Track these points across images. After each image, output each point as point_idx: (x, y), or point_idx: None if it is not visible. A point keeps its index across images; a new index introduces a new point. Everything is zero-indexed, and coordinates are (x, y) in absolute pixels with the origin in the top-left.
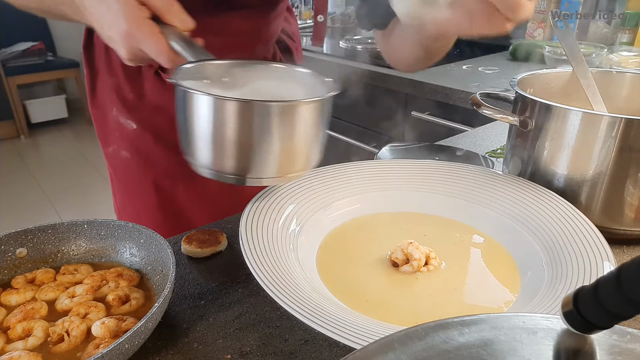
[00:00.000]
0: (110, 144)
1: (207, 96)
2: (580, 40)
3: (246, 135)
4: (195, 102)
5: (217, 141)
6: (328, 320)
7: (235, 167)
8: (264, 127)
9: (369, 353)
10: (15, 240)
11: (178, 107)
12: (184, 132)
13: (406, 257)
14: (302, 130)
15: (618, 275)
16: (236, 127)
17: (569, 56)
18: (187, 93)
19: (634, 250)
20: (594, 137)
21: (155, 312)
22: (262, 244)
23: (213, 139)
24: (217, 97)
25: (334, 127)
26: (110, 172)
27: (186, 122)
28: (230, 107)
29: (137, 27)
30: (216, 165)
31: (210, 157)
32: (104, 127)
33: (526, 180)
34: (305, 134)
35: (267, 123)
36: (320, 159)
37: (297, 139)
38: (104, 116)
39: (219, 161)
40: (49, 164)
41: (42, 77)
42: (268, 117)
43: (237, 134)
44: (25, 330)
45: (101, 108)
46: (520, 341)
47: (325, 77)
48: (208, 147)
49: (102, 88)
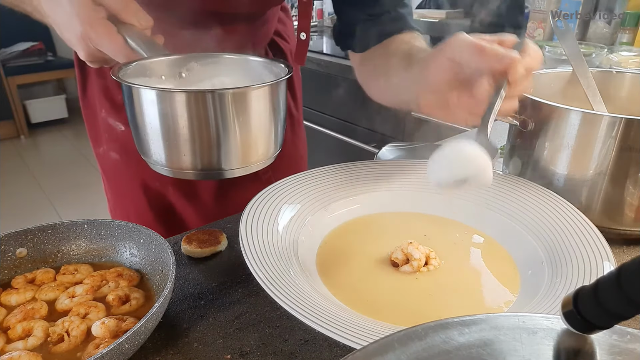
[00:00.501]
0: (101, 145)
1: (150, 90)
2: (580, 40)
3: (202, 127)
4: (140, 97)
5: (172, 137)
6: (328, 320)
7: (193, 163)
8: (221, 116)
9: (369, 353)
10: (15, 240)
11: (126, 104)
12: (135, 130)
13: (406, 257)
14: (260, 116)
15: (618, 275)
16: (190, 120)
17: (569, 56)
18: (132, 89)
19: (634, 250)
20: (594, 137)
21: (155, 312)
22: (262, 244)
23: (167, 135)
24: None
25: (334, 127)
26: (101, 172)
27: (134, 119)
28: (176, 98)
29: (91, 28)
30: (175, 163)
31: (163, 154)
32: (95, 127)
33: (526, 180)
34: (260, 118)
35: (223, 111)
36: (279, 147)
37: (256, 125)
38: (94, 117)
39: (173, 157)
40: (49, 164)
41: (42, 77)
42: (224, 105)
43: (192, 127)
44: (25, 330)
45: (91, 109)
46: (520, 341)
47: (279, 62)
48: (159, 144)
49: (92, 89)
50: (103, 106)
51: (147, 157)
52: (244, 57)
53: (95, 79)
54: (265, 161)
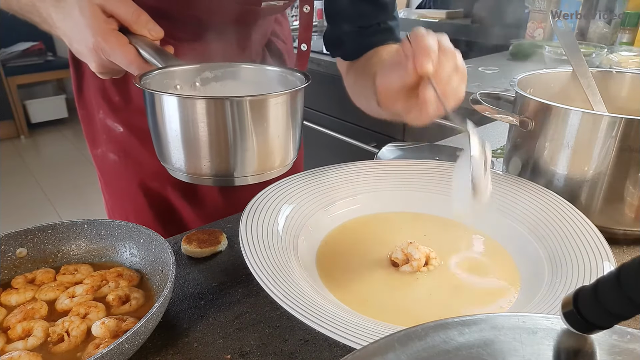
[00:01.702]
0: (98, 146)
1: (173, 97)
2: (580, 40)
3: (220, 133)
4: (163, 104)
5: (192, 143)
6: (328, 320)
7: (212, 168)
8: (239, 123)
9: (369, 353)
10: (15, 240)
11: (148, 112)
12: (156, 137)
13: (406, 257)
14: (277, 123)
15: (618, 275)
16: (209, 126)
17: (569, 56)
18: (155, 95)
19: (634, 250)
20: (594, 137)
21: (155, 312)
22: (262, 244)
23: (187, 141)
24: (184, 97)
25: (334, 127)
26: (99, 174)
27: (156, 125)
28: (197, 105)
29: (104, 39)
30: (194, 168)
31: (183, 160)
32: (91, 129)
33: (526, 180)
34: (281, 126)
35: (241, 119)
36: (295, 155)
37: (273, 132)
38: (91, 118)
39: (193, 163)
40: (49, 164)
41: (42, 77)
42: (242, 112)
43: (211, 133)
44: (25, 330)
45: (88, 110)
46: (520, 341)
47: (296, 71)
48: (179, 150)
49: (89, 90)
50: (101, 107)
51: (168, 164)
52: (261, 66)
53: (92, 80)
54: (282, 169)
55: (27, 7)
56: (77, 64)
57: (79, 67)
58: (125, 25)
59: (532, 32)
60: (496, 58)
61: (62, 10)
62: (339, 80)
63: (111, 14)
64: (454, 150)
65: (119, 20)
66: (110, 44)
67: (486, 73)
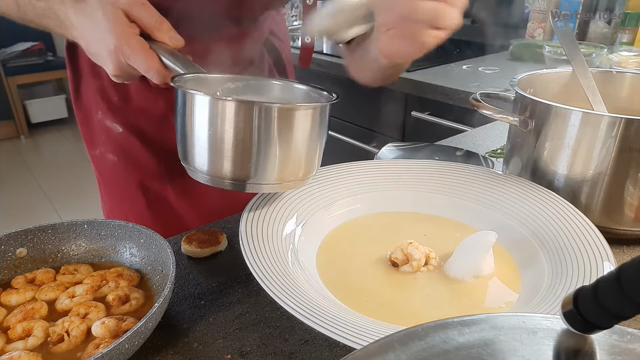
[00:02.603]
0: (96, 147)
1: (210, 97)
2: (580, 40)
3: (246, 138)
4: (197, 104)
5: (218, 144)
6: (328, 320)
7: (233, 172)
8: (265, 129)
9: (369, 353)
10: (15, 240)
11: (178, 111)
12: (182, 137)
13: (406, 257)
14: (302, 136)
15: (618, 275)
16: (237, 129)
17: (569, 56)
18: (189, 95)
19: (634, 250)
20: (594, 137)
21: (155, 312)
22: (262, 244)
23: (214, 142)
24: (221, 99)
25: (334, 127)
26: (97, 175)
27: (184, 125)
28: (232, 108)
29: (126, 43)
30: (215, 171)
31: (210, 162)
32: (90, 130)
33: (526, 180)
34: (305, 139)
35: (268, 125)
36: (318, 168)
37: (297, 144)
38: (89, 119)
39: (218, 165)
40: (49, 164)
41: (42, 77)
42: (269, 119)
43: (237, 136)
44: (25, 330)
45: (86, 111)
46: (520, 341)
47: (321, 89)
48: (208, 151)
49: (87, 91)
50: (99, 107)
51: (190, 164)
52: (288, 82)
53: (90, 80)
54: (303, 181)
55: (44, 11)
56: (75, 65)
57: (77, 68)
58: (147, 31)
59: (532, 32)
60: (496, 58)
61: (82, 12)
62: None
63: (134, 19)
64: (454, 150)
65: (141, 26)
66: (133, 48)
67: (486, 73)
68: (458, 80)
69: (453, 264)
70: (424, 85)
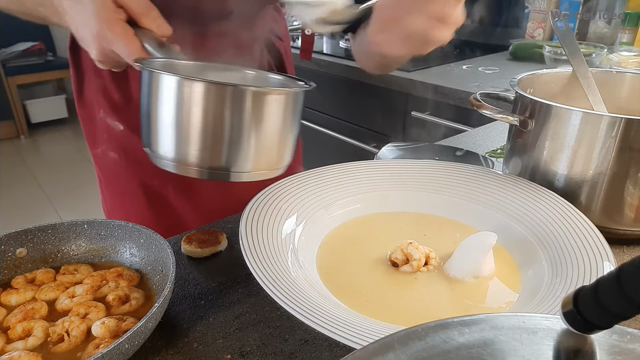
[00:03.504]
0: (98, 145)
1: (176, 77)
2: (580, 40)
3: (214, 120)
4: (162, 84)
5: (186, 128)
6: (328, 320)
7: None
8: (233, 112)
9: (369, 353)
10: (15, 240)
11: (143, 93)
12: (146, 120)
13: (406, 257)
14: (276, 122)
15: (618, 275)
16: (206, 112)
17: (569, 56)
18: (154, 74)
19: (634, 250)
20: (594, 137)
21: (155, 312)
22: (262, 244)
23: (181, 126)
24: (187, 78)
25: (334, 127)
26: (98, 173)
27: (150, 107)
28: (200, 88)
29: (109, 27)
30: (182, 157)
31: (176, 147)
32: (92, 128)
33: (526, 180)
34: (278, 126)
35: (239, 109)
36: (290, 158)
37: (270, 130)
38: (92, 117)
39: (185, 151)
40: (49, 164)
41: (42, 77)
42: (242, 102)
43: (207, 120)
44: (25, 330)
45: (88, 109)
46: (520, 341)
47: (297, 79)
48: (174, 136)
49: (89, 89)
50: (101, 106)
51: (153, 149)
52: (263, 72)
53: (93, 79)
54: (274, 171)
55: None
56: (78, 64)
57: (80, 66)
58: (135, 18)
59: (532, 32)
60: (496, 58)
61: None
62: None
63: (122, 4)
64: (454, 150)
65: (128, 13)
66: (114, 33)
67: (486, 73)
68: (458, 80)
69: (453, 264)
70: (424, 85)
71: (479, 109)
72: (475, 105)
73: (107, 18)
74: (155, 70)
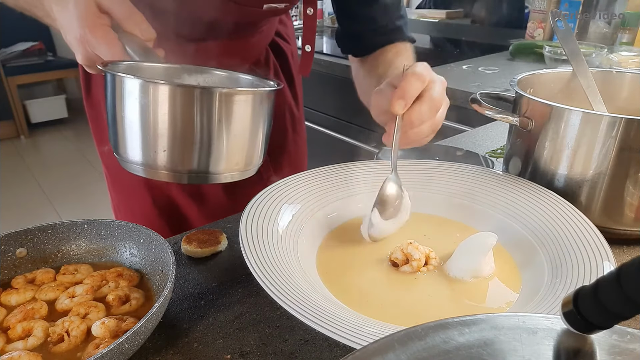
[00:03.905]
0: (105, 143)
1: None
2: (580, 40)
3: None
4: (124, 87)
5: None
6: (328, 320)
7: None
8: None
9: (369, 353)
10: (15, 240)
11: (107, 96)
12: (112, 124)
13: (406, 257)
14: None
15: (618, 275)
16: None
17: (569, 56)
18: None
19: (634, 250)
20: (594, 137)
21: (155, 312)
22: (262, 244)
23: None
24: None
25: (334, 127)
26: (105, 171)
27: (114, 111)
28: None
29: (91, 32)
30: (150, 161)
31: (139, 150)
32: (99, 126)
33: (526, 180)
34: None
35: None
36: (262, 158)
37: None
38: (99, 116)
39: (153, 155)
40: (49, 164)
41: (42, 77)
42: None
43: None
44: (25, 330)
45: (96, 108)
46: (520, 341)
47: (266, 79)
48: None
49: (97, 88)
50: None
51: (120, 154)
52: (233, 73)
53: (101, 78)
54: (246, 172)
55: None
56: None
57: None
58: (118, 22)
59: (532, 32)
60: (496, 58)
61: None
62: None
63: (106, 10)
64: (454, 150)
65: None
66: (97, 37)
67: (486, 73)
68: (458, 80)
69: (453, 264)
70: None
71: (479, 109)
72: (476, 105)
73: (91, 23)
74: (117, 73)
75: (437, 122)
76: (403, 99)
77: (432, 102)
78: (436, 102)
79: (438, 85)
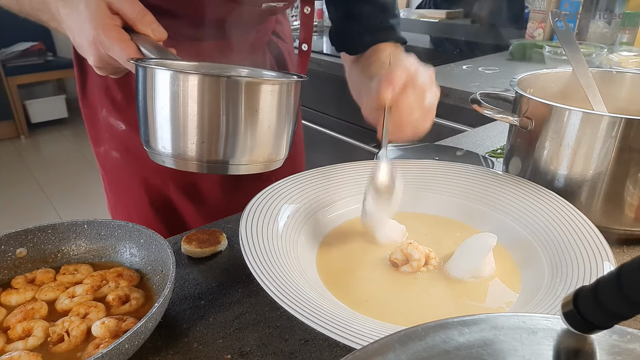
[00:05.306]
0: (101, 144)
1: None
2: (580, 40)
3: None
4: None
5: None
6: (328, 320)
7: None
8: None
9: (369, 353)
10: (15, 240)
11: (138, 91)
12: (143, 118)
13: (406, 257)
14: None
15: (618, 275)
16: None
17: (569, 56)
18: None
19: (634, 250)
20: (594, 137)
21: (155, 312)
22: (262, 244)
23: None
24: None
25: (334, 127)
26: (102, 172)
27: (146, 104)
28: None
29: (104, 33)
30: (180, 151)
31: (173, 142)
32: (95, 127)
33: (526, 180)
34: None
35: (231, 99)
36: (286, 153)
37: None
38: (95, 116)
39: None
40: (49, 164)
41: (42, 77)
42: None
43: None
44: (25, 330)
45: (92, 108)
46: (520, 341)
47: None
48: (171, 131)
49: (92, 88)
50: (104, 105)
51: (152, 146)
52: (257, 70)
53: (96, 79)
54: (272, 163)
55: (39, 4)
56: (81, 64)
57: (83, 66)
58: (130, 23)
59: (532, 32)
60: (496, 58)
61: (69, 4)
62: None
63: (117, 11)
64: (454, 150)
65: (123, 18)
66: (110, 38)
67: (486, 73)
68: (458, 80)
69: (453, 265)
70: None
71: (479, 109)
72: (476, 105)
73: (103, 24)
74: (150, 66)
75: (427, 110)
76: (390, 85)
77: (418, 90)
78: (423, 89)
79: (423, 73)
